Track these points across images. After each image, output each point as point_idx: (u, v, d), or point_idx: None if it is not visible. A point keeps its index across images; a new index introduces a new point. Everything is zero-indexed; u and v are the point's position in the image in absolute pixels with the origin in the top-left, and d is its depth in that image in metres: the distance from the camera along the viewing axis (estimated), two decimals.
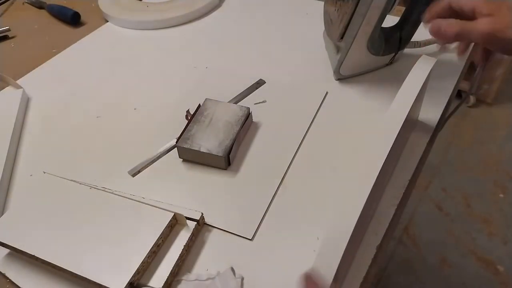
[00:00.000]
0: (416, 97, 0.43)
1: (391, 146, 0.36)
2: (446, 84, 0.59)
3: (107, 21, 0.80)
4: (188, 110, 0.57)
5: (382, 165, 0.35)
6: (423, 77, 0.43)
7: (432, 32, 0.44)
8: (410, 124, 0.51)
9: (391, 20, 0.59)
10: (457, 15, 0.43)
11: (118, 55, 0.71)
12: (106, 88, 0.64)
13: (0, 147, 0.54)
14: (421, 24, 0.59)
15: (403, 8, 0.61)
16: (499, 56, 0.44)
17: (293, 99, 0.59)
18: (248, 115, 0.54)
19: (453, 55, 0.65)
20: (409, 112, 0.41)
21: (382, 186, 0.46)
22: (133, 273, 0.38)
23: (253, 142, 0.54)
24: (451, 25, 0.42)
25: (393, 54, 0.61)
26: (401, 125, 0.38)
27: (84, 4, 0.85)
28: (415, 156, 0.50)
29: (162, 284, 0.39)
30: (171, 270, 0.40)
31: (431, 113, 0.55)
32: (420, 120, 0.54)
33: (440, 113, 0.55)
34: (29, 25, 0.82)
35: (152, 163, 0.52)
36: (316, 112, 0.57)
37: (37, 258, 0.41)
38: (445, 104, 0.56)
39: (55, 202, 0.45)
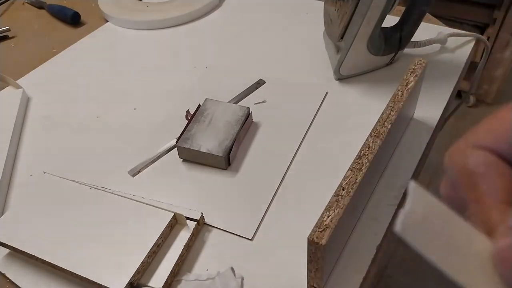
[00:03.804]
0: (410, 94, 0.43)
1: None
2: (446, 84, 0.59)
3: (107, 21, 0.80)
4: (188, 110, 0.57)
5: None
6: None
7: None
8: (404, 121, 0.51)
9: (391, 20, 0.59)
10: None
11: (118, 55, 0.71)
12: (106, 88, 0.64)
13: (0, 147, 0.54)
14: (421, 24, 0.59)
15: (403, 8, 0.61)
16: None
17: (293, 99, 0.59)
18: (248, 115, 0.54)
19: (453, 55, 0.65)
20: (401, 108, 0.41)
21: (375, 174, 0.46)
22: (133, 273, 0.38)
23: (253, 142, 0.54)
24: None
25: (393, 54, 0.61)
26: None
27: (84, 4, 0.85)
28: (415, 156, 0.50)
29: (162, 284, 0.39)
30: (171, 270, 0.40)
31: (431, 113, 0.55)
32: (419, 120, 0.54)
33: (440, 113, 0.55)
34: (29, 25, 0.82)
35: (152, 163, 0.52)
36: (316, 112, 0.57)
37: (37, 258, 0.41)
38: (445, 104, 0.56)
39: (55, 202, 0.45)
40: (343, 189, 0.35)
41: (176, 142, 0.51)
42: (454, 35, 0.66)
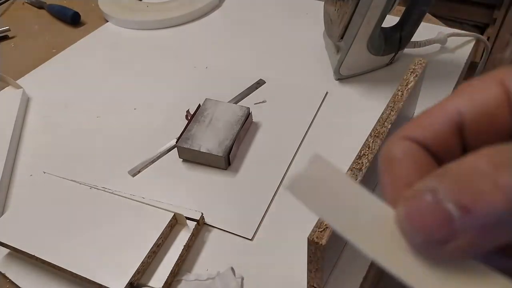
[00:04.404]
0: (410, 94, 0.43)
1: None
2: (446, 84, 0.59)
3: (107, 21, 0.80)
4: (188, 110, 0.57)
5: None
6: None
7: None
8: (404, 121, 0.51)
9: (391, 20, 0.59)
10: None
11: (118, 55, 0.71)
12: (106, 88, 0.64)
13: (0, 147, 0.54)
14: (421, 24, 0.59)
15: (403, 8, 0.61)
16: None
17: (293, 99, 0.59)
18: (248, 115, 0.54)
19: (453, 55, 0.65)
20: (401, 108, 0.41)
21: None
22: (133, 273, 0.38)
23: (253, 142, 0.54)
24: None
25: (393, 54, 0.61)
26: None
27: (84, 4, 0.85)
28: None
29: (162, 284, 0.39)
30: (171, 270, 0.40)
31: None
32: None
33: None
34: (29, 25, 0.82)
35: (152, 163, 0.52)
36: (316, 112, 0.57)
37: (37, 258, 0.41)
38: None
39: (55, 202, 0.45)
40: None
41: (176, 142, 0.51)
42: (454, 35, 0.66)
